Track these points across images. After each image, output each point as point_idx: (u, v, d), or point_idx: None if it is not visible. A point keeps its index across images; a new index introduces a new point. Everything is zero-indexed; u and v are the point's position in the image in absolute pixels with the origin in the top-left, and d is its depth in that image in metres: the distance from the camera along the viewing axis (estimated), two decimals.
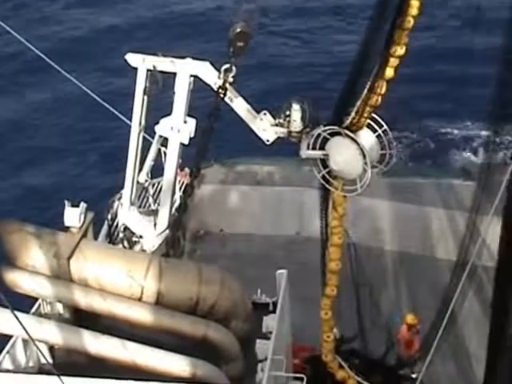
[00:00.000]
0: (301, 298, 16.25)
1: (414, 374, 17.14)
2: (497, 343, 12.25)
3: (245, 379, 12.88)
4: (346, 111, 13.82)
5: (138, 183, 17.44)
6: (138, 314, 12.22)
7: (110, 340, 11.94)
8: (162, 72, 15.70)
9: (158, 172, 17.92)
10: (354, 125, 13.81)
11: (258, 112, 15.47)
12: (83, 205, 12.86)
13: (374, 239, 22.03)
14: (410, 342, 17.99)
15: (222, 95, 15.28)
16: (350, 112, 13.75)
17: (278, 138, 15.28)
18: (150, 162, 17.80)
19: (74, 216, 12.65)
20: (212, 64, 15.55)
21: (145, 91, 16.01)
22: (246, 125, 15.53)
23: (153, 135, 17.08)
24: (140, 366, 11.86)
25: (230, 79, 15.26)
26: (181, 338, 12.37)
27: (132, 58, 15.98)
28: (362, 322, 17.56)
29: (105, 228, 17.79)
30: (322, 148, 14.25)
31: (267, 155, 23.22)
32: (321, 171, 14.39)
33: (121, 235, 17.66)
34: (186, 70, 15.52)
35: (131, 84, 16.25)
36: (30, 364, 12.78)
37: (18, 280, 12.14)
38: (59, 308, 12.85)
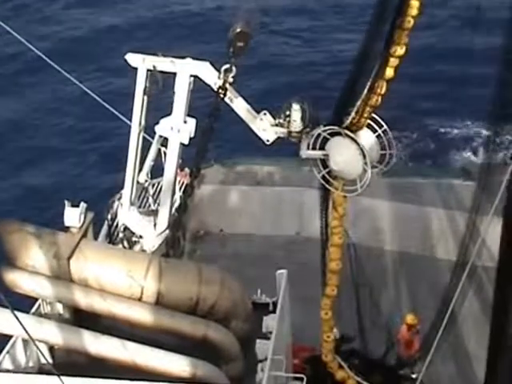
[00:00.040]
0: (301, 298, 16.25)
1: (414, 374, 17.15)
2: (497, 343, 12.25)
3: (245, 379, 12.87)
4: (346, 111, 13.81)
5: (138, 183, 17.43)
6: (138, 314, 12.21)
7: (109, 340, 11.94)
8: (162, 72, 15.68)
9: (158, 172, 17.90)
10: (354, 125, 13.81)
11: (258, 112, 15.46)
12: (83, 205, 12.86)
13: (374, 239, 22.03)
14: (410, 342, 17.99)
15: (221, 95, 15.27)
16: (350, 112, 13.74)
17: (278, 138, 15.27)
18: (149, 162, 17.79)
19: (73, 216, 12.65)
20: (212, 64, 15.54)
21: (145, 91, 16.00)
22: (246, 125, 15.53)
23: (153, 135, 17.07)
24: (140, 366, 11.85)
25: (230, 79, 15.25)
26: (181, 338, 12.37)
27: (132, 58, 15.97)
28: (362, 322, 17.55)
29: (105, 228, 17.78)
30: (322, 148, 14.24)
31: (267, 155, 23.22)
32: (321, 171, 14.38)
33: (121, 235, 17.64)
34: (186, 70, 15.51)
35: (131, 84, 16.24)
36: (30, 364, 12.78)
37: (18, 280, 12.13)
38: (59, 308, 12.85)
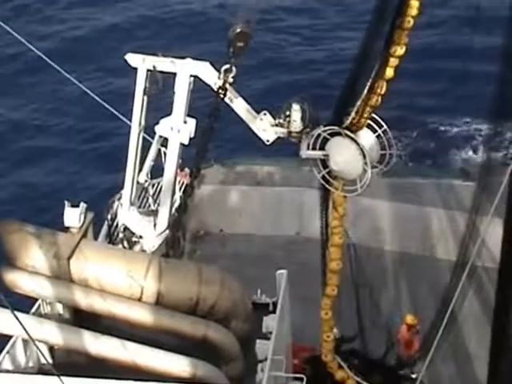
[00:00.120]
0: (301, 298, 16.25)
1: (414, 374, 17.14)
2: (499, 344, 12.22)
3: (245, 379, 12.88)
4: (346, 111, 13.82)
5: (138, 183, 17.43)
6: (138, 315, 12.21)
7: (109, 340, 11.94)
8: (161, 72, 15.69)
9: (158, 172, 17.89)
10: (354, 125, 13.80)
11: (258, 112, 15.46)
12: (83, 205, 12.87)
13: (374, 239, 22.03)
14: (410, 342, 17.99)
15: (221, 95, 15.27)
16: (349, 112, 13.74)
17: (278, 139, 15.27)
18: (149, 162, 17.79)
19: (73, 216, 12.65)
20: (212, 64, 15.54)
21: (145, 91, 16.00)
22: (246, 125, 15.52)
23: (153, 135, 17.07)
24: (140, 367, 11.86)
25: (230, 79, 15.25)
26: (181, 338, 12.37)
27: (132, 58, 15.97)
28: (362, 322, 17.52)
29: (105, 228, 17.76)
30: (322, 148, 14.23)
31: (267, 155, 23.24)
32: (321, 171, 14.38)
33: (121, 235, 17.63)
34: (186, 70, 15.51)
35: (131, 84, 16.24)
36: (30, 364, 12.78)
37: (18, 280, 12.13)
38: (59, 308, 12.86)
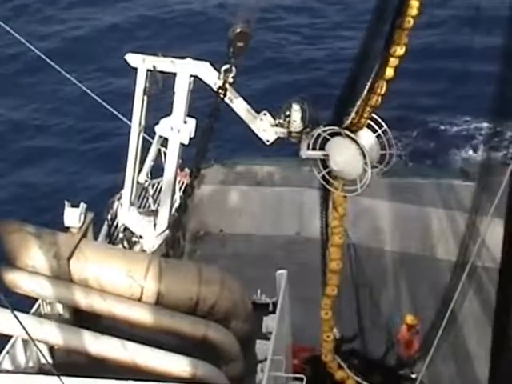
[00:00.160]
0: (301, 298, 16.25)
1: (414, 374, 17.14)
2: (499, 345, 12.19)
3: (245, 379, 12.88)
4: (346, 111, 13.82)
5: (138, 183, 17.44)
6: (138, 315, 12.21)
7: (110, 340, 11.94)
8: (161, 72, 15.69)
9: (157, 172, 17.90)
10: (354, 125, 13.80)
11: (258, 112, 15.46)
12: (83, 205, 12.86)
13: (374, 239, 22.03)
14: (410, 342, 17.98)
15: (221, 95, 15.27)
16: (350, 112, 13.74)
17: (278, 139, 15.27)
18: (149, 162, 17.80)
19: (73, 216, 12.65)
20: (212, 64, 15.54)
21: (145, 91, 16.01)
22: (246, 125, 15.53)
23: (153, 135, 17.07)
24: (140, 367, 11.86)
25: (230, 79, 15.25)
26: (181, 338, 12.37)
27: (132, 58, 15.97)
28: (362, 322, 17.51)
29: (105, 228, 17.77)
30: (322, 148, 14.23)
31: (267, 155, 23.24)
32: (321, 171, 14.38)
33: (121, 235, 17.64)
34: (186, 70, 15.51)
35: (131, 84, 16.24)
36: (30, 364, 12.78)
37: (18, 280, 12.13)
38: (59, 308, 12.85)
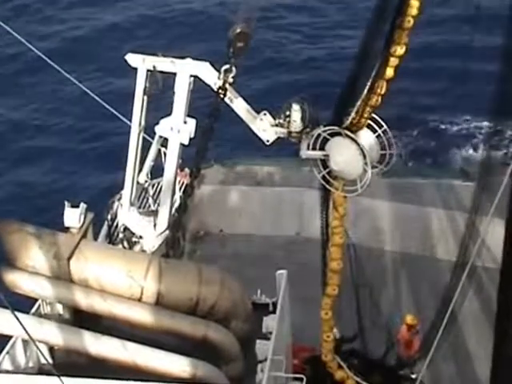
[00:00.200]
0: (301, 298, 16.25)
1: (414, 374, 17.14)
2: (501, 347, 12.15)
3: (245, 380, 12.88)
4: (346, 111, 13.82)
5: (138, 184, 17.42)
6: (138, 315, 12.21)
7: (110, 340, 11.94)
8: (161, 72, 15.68)
9: (157, 172, 17.89)
10: (354, 125, 13.79)
11: (258, 112, 15.45)
12: (83, 205, 12.86)
13: (375, 239, 22.03)
14: (410, 342, 17.98)
15: (221, 95, 15.27)
16: (350, 112, 13.74)
17: (278, 139, 15.26)
18: (149, 162, 17.79)
19: (73, 216, 12.66)
20: (212, 64, 15.53)
21: (145, 91, 16.00)
22: (246, 125, 15.52)
23: (153, 135, 17.06)
24: (140, 367, 11.86)
25: (230, 80, 15.24)
26: (181, 338, 12.37)
27: (132, 58, 15.96)
28: (362, 322, 17.50)
29: (105, 228, 17.76)
30: (322, 148, 14.23)
31: (267, 155, 23.24)
32: (321, 172, 14.38)
33: (121, 236, 17.63)
34: (186, 70, 15.50)
35: (131, 84, 16.23)
36: (30, 364, 12.78)
37: (18, 281, 12.13)
38: (59, 309, 12.85)
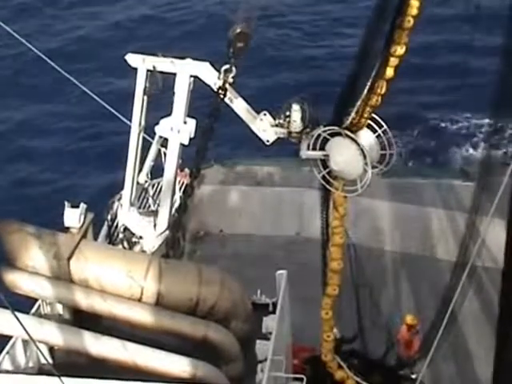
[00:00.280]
0: (301, 299, 16.25)
1: (414, 375, 17.14)
2: (503, 350, 12.13)
3: (245, 380, 12.87)
4: (346, 111, 13.82)
5: (138, 184, 17.43)
6: (139, 315, 12.21)
7: (110, 341, 11.93)
8: (161, 72, 15.69)
9: (157, 172, 17.89)
10: (354, 125, 13.79)
11: (258, 112, 15.45)
12: (83, 205, 12.86)
13: (375, 239, 22.04)
14: (410, 342, 17.98)
15: (221, 96, 15.27)
16: (350, 112, 13.74)
17: (278, 139, 15.26)
18: (149, 162, 17.80)
19: (73, 217, 12.65)
20: (212, 64, 15.53)
21: (145, 91, 16.00)
22: (246, 125, 15.52)
23: (153, 135, 17.07)
24: (140, 367, 11.85)
25: (230, 80, 15.24)
26: (181, 338, 12.36)
27: (132, 59, 15.97)
28: (362, 322, 17.50)
29: (104, 229, 17.76)
30: (322, 148, 14.23)
31: (267, 155, 23.24)
32: (321, 172, 14.38)
33: (121, 236, 17.63)
34: (186, 71, 15.50)
35: (131, 84, 16.23)
36: (30, 365, 12.78)
37: (18, 281, 12.12)
38: (59, 309, 12.85)
